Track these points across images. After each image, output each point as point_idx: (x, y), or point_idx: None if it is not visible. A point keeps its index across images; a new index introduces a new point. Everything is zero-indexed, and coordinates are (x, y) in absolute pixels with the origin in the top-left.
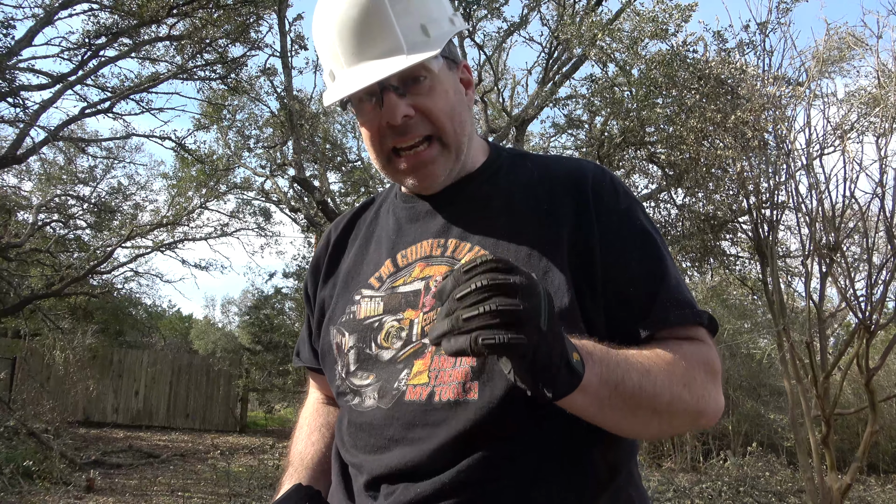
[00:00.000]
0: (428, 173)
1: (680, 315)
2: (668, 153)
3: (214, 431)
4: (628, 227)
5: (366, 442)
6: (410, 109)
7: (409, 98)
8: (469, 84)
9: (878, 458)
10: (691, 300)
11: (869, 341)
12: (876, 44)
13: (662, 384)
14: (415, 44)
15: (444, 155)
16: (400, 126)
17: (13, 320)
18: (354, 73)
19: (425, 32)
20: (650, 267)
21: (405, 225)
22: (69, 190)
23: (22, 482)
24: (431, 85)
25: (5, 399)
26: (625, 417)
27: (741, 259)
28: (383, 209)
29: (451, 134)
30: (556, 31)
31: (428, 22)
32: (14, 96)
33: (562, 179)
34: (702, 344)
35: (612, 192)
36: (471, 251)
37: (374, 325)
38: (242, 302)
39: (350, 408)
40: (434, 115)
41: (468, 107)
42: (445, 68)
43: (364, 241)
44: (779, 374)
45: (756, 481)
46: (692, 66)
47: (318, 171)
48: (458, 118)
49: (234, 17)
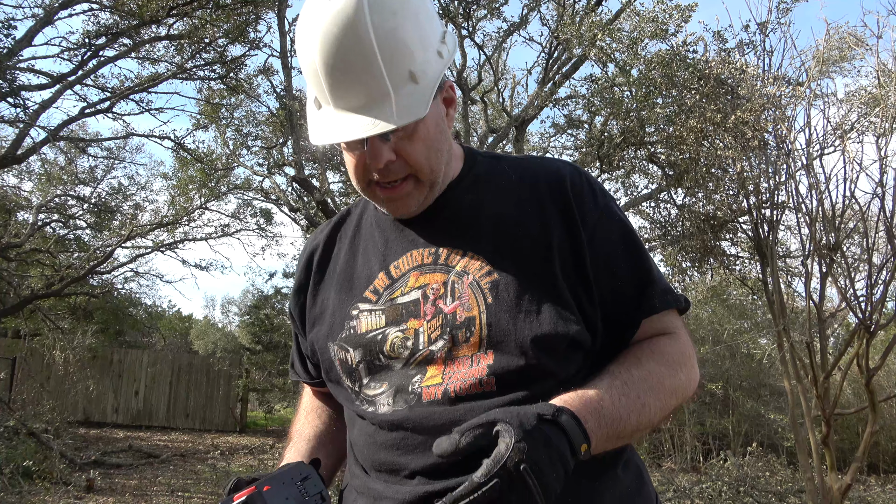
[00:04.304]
0: (402, 205)
1: (664, 301)
2: (668, 153)
3: (214, 431)
4: (609, 226)
5: (382, 445)
6: (392, 155)
7: (392, 141)
8: (451, 102)
9: (878, 458)
10: (668, 286)
11: (869, 341)
12: (876, 44)
13: (656, 408)
14: (403, 95)
15: (418, 189)
16: (381, 169)
17: (13, 320)
18: (342, 120)
19: (413, 79)
20: (635, 262)
21: (392, 235)
22: (69, 190)
23: (22, 482)
24: (416, 127)
25: (5, 399)
26: (626, 442)
27: (741, 259)
28: (365, 221)
29: (427, 172)
30: (556, 31)
31: (416, 66)
32: (14, 96)
33: (542, 184)
34: (677, 337)
35: (590, 194)
36: (465, 257)
37: (378, 338)
38: (242, 302)
39: (363, 415)
40: (413, 158)
41: (448, 128)
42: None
43: (350, 255)
44: (779, 374)
45: (756, 481)
46: (692, 66)
47: (317, 171)
48: (436, 153)
49: (234, 17)
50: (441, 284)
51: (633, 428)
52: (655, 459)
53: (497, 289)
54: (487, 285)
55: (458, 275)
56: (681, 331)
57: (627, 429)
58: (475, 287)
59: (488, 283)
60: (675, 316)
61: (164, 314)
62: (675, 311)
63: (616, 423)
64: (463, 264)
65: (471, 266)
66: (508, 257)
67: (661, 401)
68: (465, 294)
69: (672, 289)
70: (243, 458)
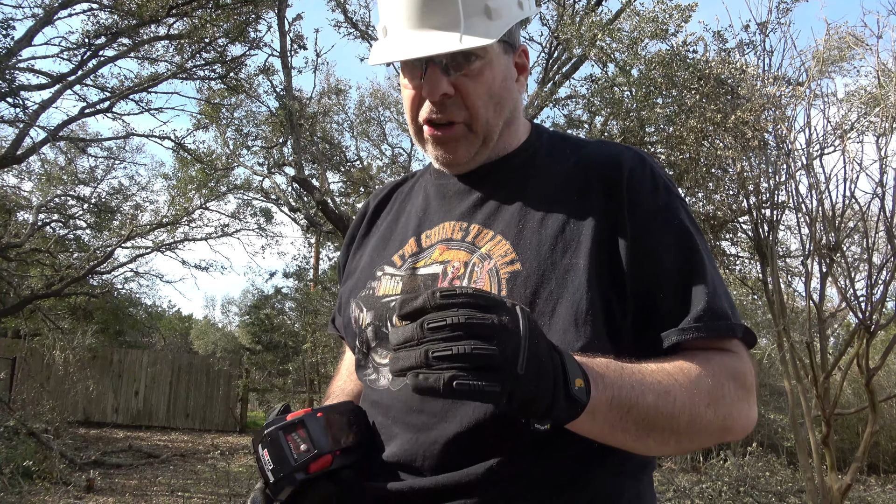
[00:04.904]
0: (450, 150)
1: (712, 326)
2: (668, 153)
3: (214, 431)
4: (663, 224)
5: (374, 420)
6: (451, 88)
7: (454, 76)
8: (523, 69)
9: (878, 458)
10: (726, 310)
11: (869, 341)
12: (876, 44)
13: (682, 405)
14: (473, 24)
15: (468, 139)
16: (437, 102)
17: (13, 320)
18: (406, 39)
19: (488, 14)
20: (684, 269)
21: (433, 202)
22: (69, 190)
23: (22, 482)
24: (481, 68)
25: (5, 399)
26: (639, 439)
27: (741, 259)
28: (418, 185)
29: (482, 122)
30: (556, 31)
31: (493, 3)
32: (14, 96)
33: (597, 168)
34: (734, 356)
35: (650, 186)
36: (492, 240)
37: (391, 305)
38: (242, 302)
39: (367, 383)
40: (471, 100)
41: (517, 92)
42: (501, 52)
43: (395, 216)
44: (779, 374)
45: (756, 481)
46: (692, 66)
47: (317, 171)
48: (496, 106)
49: (234, 17)
50: (462, 264)
51: (649, 408)
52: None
53: (515, 281)
54: (506, 275)
55: (482, 257)
56: (745, 361)
57: (642, 407)
58: (493, 274)
59: (508, 273)
60: (738, 346)
61: (164, 314)
62: (734, 340)
63: (622, 391)
64: (489, 247)
65: (496, 250)
66: (535, 247)
67: (692, 400)
68: (481, 280)
69: (730, 313)
70: (243, 458)
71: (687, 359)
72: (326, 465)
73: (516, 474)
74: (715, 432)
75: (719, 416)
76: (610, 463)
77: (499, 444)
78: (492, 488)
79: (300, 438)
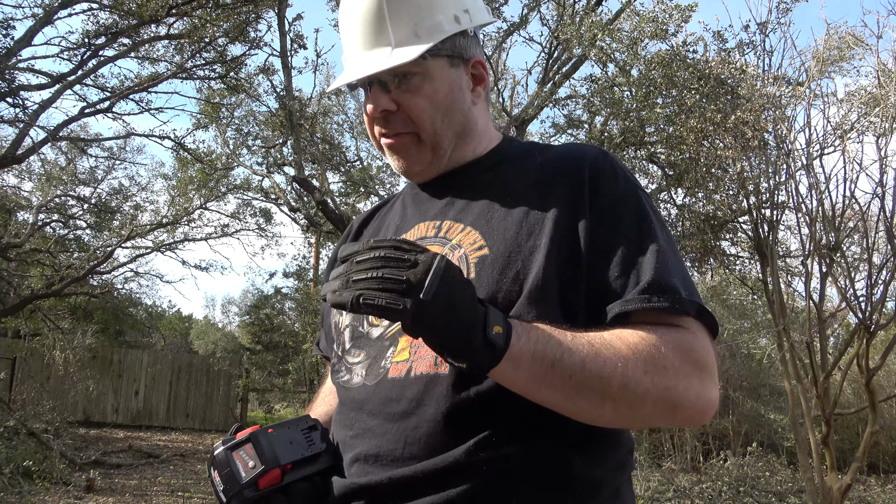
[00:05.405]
0: (403, 157)
1: (657, 300)
2: (668, 153)
3: (214, 431)
4: (622, 207)
5: (349, 418)
6: (392, 105)
7: (395, 93)
8: (480, 80)
9: (878, 458)
10: (676, 285)
11: (869, 341)
12: (876, 44)
13: (613, 366)
14: (402, 41)
15: (417, 147)
16: (379, 118)
17: (13, 320)
18: (354, 62)
19: (415, 31)
20: (636, 246)
21: (409, 209)
22: (69, 190)
23: (22, 482)
24: (420, 83)
25: (5, 399)
26: (569, 398)
27: (741, 259)
28: (398, 201)
29: (429, 132)
30: (556, 31)
31: (420, 20)
32: (14, 96)
33: (562, 163)
34: (685, 331)
35: (611, 176)
36: (462, 231)
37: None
38: (242, 302)
39: (341, 385)
40: (414, 113)
41: (473, 101)
42: (446, 66)
43: (376, 230)
44: (779, 374)
45: (756, 481)
46: (692, 66)
47: (317, 171)
48: (443, 116)
49: (234, 16)
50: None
51: (575, 365)
52: (655, 459)
53: (483, 264)
54: (475, 259)
55: (453, 248)
56: (699, 337)
57: (567, 363)
58: (463, 261)
59: (476, 257)
60: (694, 325)
61: (164, 314)
62: (687, 318)
63: (548, 346)
64: (459, 238)
65: (465, 240)
66: (502, 233)
67: (625, 364)
68: None
69: (681, 290)
70: None
71: (631, 328)
72: (276, 481)
73: (497, 458)
74: (658, 404)
75: (659, 387)
76: (590, 458)
77: (479, 427)
78: (473, 474)
79: (248, 456)
